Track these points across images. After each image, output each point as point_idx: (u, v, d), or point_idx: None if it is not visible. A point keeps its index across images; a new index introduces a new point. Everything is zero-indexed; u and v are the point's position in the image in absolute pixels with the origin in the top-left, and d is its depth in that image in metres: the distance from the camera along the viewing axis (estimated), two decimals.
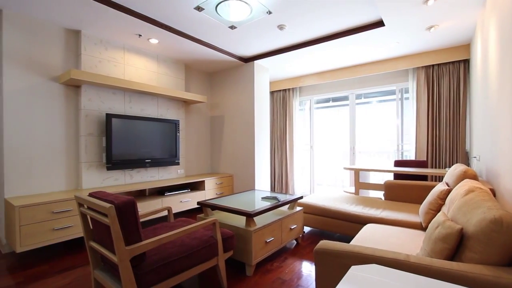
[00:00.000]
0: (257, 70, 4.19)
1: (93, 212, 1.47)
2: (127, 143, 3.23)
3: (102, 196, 1.45)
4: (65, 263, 2.36)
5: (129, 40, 3.25)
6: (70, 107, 2.97)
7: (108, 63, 3.19)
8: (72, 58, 3.00)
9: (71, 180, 2.99)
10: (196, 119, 4.49)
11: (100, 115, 3.12)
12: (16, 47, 2.61)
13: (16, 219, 2.24)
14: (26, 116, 2.67)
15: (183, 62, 4.10)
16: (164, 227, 2.03)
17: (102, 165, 3.14)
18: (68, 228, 2.53)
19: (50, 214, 2.42)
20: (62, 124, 2.91)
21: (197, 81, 4.50)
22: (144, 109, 3.57)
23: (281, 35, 3.23)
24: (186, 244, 1.69)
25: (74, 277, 2.11)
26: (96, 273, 1.69)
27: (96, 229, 1.57)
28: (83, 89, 2.98)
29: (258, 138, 4.20)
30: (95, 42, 3.08)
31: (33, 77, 2.72)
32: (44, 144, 2.79)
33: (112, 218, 1.25)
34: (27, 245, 2.29)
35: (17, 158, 2.61)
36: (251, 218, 2.14)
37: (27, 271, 2.21)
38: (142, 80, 3.55)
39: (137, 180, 3.50)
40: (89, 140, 3.03)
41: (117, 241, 1.29)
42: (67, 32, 2.95)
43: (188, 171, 4.34)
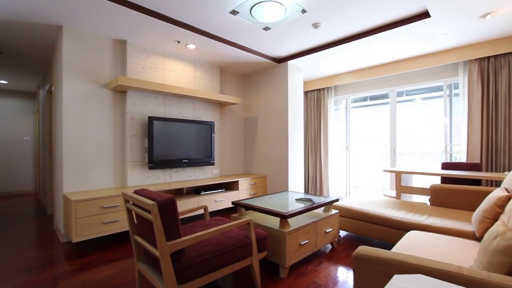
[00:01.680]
0: (291, 70, 4.16)
1: (138, 208, 1.58)
2: (166, 144, 3.42)
3: (145, 194, 1.56)
4: (112, 254, 2.57)
5: (168, 47, 3.44)
6: (117, 111, 3.24)
7: (150, 69, 3.42)
8: (119, 66, 3.26)
9: (118, 178, 3.25)
10: (230, 121, 4.59)
11: (143, 118, 3.35)
12: (73, 58, 2.92)
13: (73, 213, 2.50)
14: (80, 120, 2.97)
15: (218, 65, 4.22)
16: (200, 225, 2.11)
17: (144, 164, 3.37)
18: (115, 222, 2.76)
19: (100, 208, 2.65)
20: (110, 127, 3.18)
21: (231, 83, 4.61)
22: (182, 111, 3.75)
23: (316, 34, 3.17)
24: (222, 243, 1.74)
25: (120, 268, 2.29)
26: (139, 265, 1.81)
27: (140, 224, 1.69)
28: (129, 94, 3.22)
29: (291, 139, 4.16)
30: (139, 51, 3.31)
31: (87, 85, 3.01)
32: (95, 145, 3.07)
33: (154, 214, 1.33)
34: (81, 236, 2.54)
35: (73, 158, 2.92)
36: (285, 219, 2.13)
37: (81, 260, 2.45)
38: (180, 84, 3.73)
39: (176, 179, 3.68)
40: (133, 141, 3.27)
41: (159, 237, 1.37)
42: (115, 42, 3.22)
43: (222, 171, 4.45)
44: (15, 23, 2.77)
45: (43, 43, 3.33)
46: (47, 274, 2.18)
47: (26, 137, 6.12)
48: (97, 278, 2.11)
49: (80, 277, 2.13)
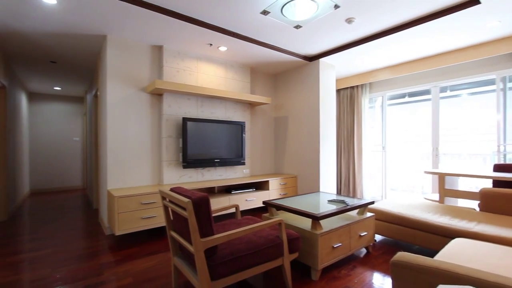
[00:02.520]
0: (323, 68, 4.05)
1: (174, 205, 1.66)
2: (199, 144, 3.54)
3: (181, 192, 1.62)
4: (150, 248, 2.72)
5: (201, 50, 3.56)
6: (154, 112, 3.43)
7: (184, 72, 3.56)
8: (156, 70, 3.45)
9: (155, 176, 3.43)
10: (260, 120, 4.62)
11: (177, 119, 3.50)
12: (116, 65, 3.15)
13: (116, 208, 2.69)
14: (122, 121, 3.19)
15: (248, 66, 4.26)
16: (232, 224, 2.15)
17: (179, 163, 3.52)
18: (153, 217, 2.92)
19: (139, 204, 2.83)
20: (148, 128, 3.38)
21: (261, 83, 4.63)
22: (214, 112, 3.85)
23: (349, 29, 3.05)
24: (253, 242, 1.75)
25: (158, 261, 2.42)
26: (175, 260, 1.90)
27: (176, 221, 1.77)
28: (165, 97, 3.39)
29: (323, 139, 4.06)
30: (174, 55, 3.47)
31: (127, 89, 3.23)
32: (135, 145, 3.28)
33: (189, 211, 1.38)
34: (123, 229, 2.73)
35: (116, 157, 3.14)
36: (317, 221, 2.08)
37: (123, 251, 2.63)
38: (212, 86, 3.83)
39: (207, 178, 3.80)
40: (169, 142, 3.43)
41: (194, 233, 1.42)
42: (152, 48, 3.41)
43: (253, 171, 4.49)
44: (68, 35, 3.07)
45: (90, 52, 3.64)
46: (94, 263, 2.38)
47: (76, 138, 6.74)
48: (137, 269, 2.25)
49: (122, 267, 2.29)
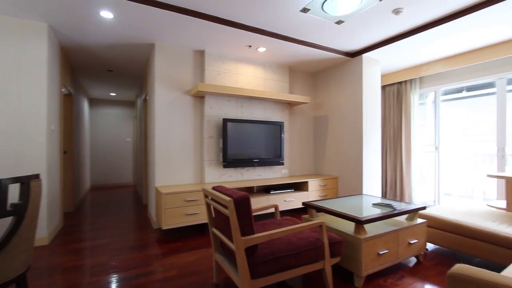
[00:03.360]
0: (366, 64, 3.84)
1: (216, 203, 1.71)
2: (238, 144, 3.61)
3: (222, 190, 1.67)
4: (193, 243, 2.86)
5: (241, 52, 3.63)
6: (197, 114, 3.59)
7: (224, 75, 3.67)
8: (198, 74, 3.61)
9: (197, 175, 3.60)
10: (299, 120, 4.55)
11: (218, 120, 3.62)
12: (163, 70, 3.38)
13: (163, 203, 2.88)
14: (168, 123, 3.40)
15: (287, 66, 4.23)
16: (271, 224, 2.15)
17: (219, 163, 3.63)
18: (196, 214, 3.06)
19: (183, 201, 2.99)
20: (191, 129, 3.55)
21: (300, 82, 4.56)
22: (253, 112, 3.90)
23: (396, 21, 2.85)
24: (293, 243, 1.73)
25: (200, 256, 2.53)
26: (216, 256, 1.96)
27: (218, 218, 1.82)
28: (206, 99, 3.54)
29: (366, 138, 3.84)
30: (215, 58, 3.60)
31: (173, 92, 3.44)
32: (179, 145, 3.47)
33: (231, 210, 1.42)
34: (169, 224, 2.91)
35: (163, 156, 3.37)
36: (361, 225, 1.97)
37: (169, 245, 2.80)
38: (251, 87, 3.89)
39: (246, 178, 3.86)
40: (210, 142, 3.57)
41: (235, 231, 1.45)
42: (195, 53, 3.58)
43: (291, 171, 4.44)
44: (122, 45, 3.38)
45: (140, 60, 3.96)
46: (143, 254, 2.58)
47: (128, 139, 7.38)
48: (181, 262, 2.38)
49: (169, 260, 2.44)
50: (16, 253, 1.33)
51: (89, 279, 2.10)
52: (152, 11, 2.54)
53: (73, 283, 2.04)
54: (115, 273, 2.19)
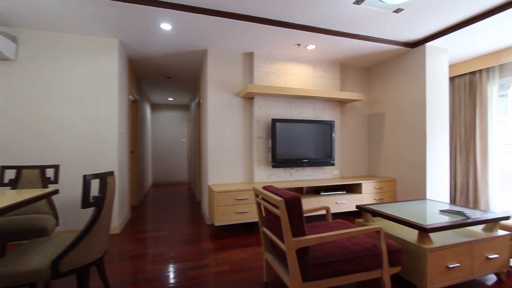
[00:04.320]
0: (430, 54, 3.45)
1: (266, 203, 1.73)
2: (288, 144, 3.59)
3: (273, 190, 1.68)
4: (243, 241, 2.93)
5: (289, 51, 3.60)
6: (246, 115, 3.68)
7: (273, 75, 3.69)
8: (248, 76, 3.70)
9: (246, 174, 3.68)
10: (351, 119, 4.31)
11: (267, 120, 3.65)
12: (214, 74, 3.55)
13: (215, 201, 3.02)
14: (219, 125, 3.56)
15: (338, 62, 4.05)
16: (322, 226, 2.07)
17: (268, 163, 3.66)
18: (246, 213, 3.13)
19: (234, 200, 3.09)
20: (241, 130, 3.66)
21: (352, 78, 4.32)
22: (302, 112, 3.83)
23: (467, 2, 2.49)
24: (347, 248, 1.64)
25: (250, 253, 2.58)
26: (267, 255, 1.97)
27: (268, 218, 1.84)
28: (255, 100, 3.60)
29: (431, 137, 3.45)
30: (263, 60, 3.64)
31: (224, 95, 3.59)
32: (230, 145, 3.60)
33: (282, 210, 1.41)
34: (221, 221, 3.04)
35: (215, 156, 3.53)
36: (426, 233, 1.78)
37: (220, 241, 2.93)
38: (300, 86, 3.83)
39: (296, 178, 3.80)
40: (259, 142, 3.62)
41: (286, 231, 1.44)
42: (244, 55, 3.68)
43: (343, 172, 4.23)
44: (178, 54, 3.65)
45: (194, 66, 4.23)
46: (198, 248, 2.74)
47: (183, 140, 7.96)
48: (233, 258, 2.46)
49: (221, 255, 2.55)
50: (96, 239, 1.53)
51: (151, 266, 2.31)
52: (205, 19, 2.69)
53: (139, 269, 2.28)
54: (173, 263, 2.37)
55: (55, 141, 3.00)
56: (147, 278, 2.11)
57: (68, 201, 3.04)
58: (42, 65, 2.97)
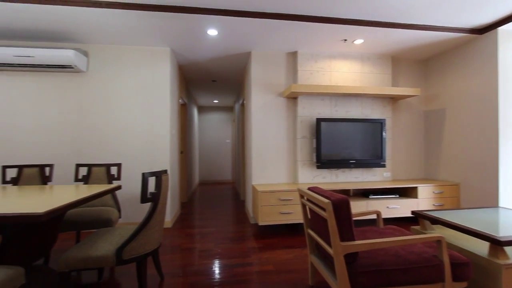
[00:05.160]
0: (503, 39, 2.99)
1: (312, 204, 1.68)
2: (333, 144, 3.46)
3: (319, 191, 1.63)
4: (287, 242, 2.90)
5: (335, 47, 3.47)
6: (289, 115, 3.65)
7: (317, 74, 3.59)
8: (291, 75, 3.66)
9: (290, 175, 3.65)
10: (405, 116, 3.96)
11: (311, 120, 3.57)
12: (258, 75, 3.59)
13: (259, 201, 3.06)
14: (263, 125, 3.59)
15: (389, 55, 3.77)
16: (373, 232, 1.95)
17: (312, 163, 3.57)
18: (290, 214, 3.10)
19: (278, 200, 3.08)
20: (284, 130, 3.64)
21: (406, 72, 3.97)
22: (349, 110, 3.65)
23: None
24: (402, 257, 1.51)
25: (294, 255, 2.54)
26: (312, 257, 1.92)
27: (314, 220, 1.79)
28: (299, 99, 3.54)
29: (504, 136, 2.99)
30: (307, 58, 3.57)
31: (267, 95, 3.61)
32: (273, 146, 3.61)
33: (329, 213, 1.36)
34: (265, 221, 3.06)
35: (258, 156, 3.57)
36: (501, 246, 1.54)
37: (264, 240, 2.95)
38: (346, 83, 3.66)
39: (342, 180, 3.64)
40: (303, 142, 3.56)
41: (333, 235, 1.38)
42: (288, 55, 3.65)
43: (395, 174, 3.92)
44: (223, 57, 3.79)
45: (238, 68, 4.34)
46: (242, 246, 2.79)
47: (227, 140, 8.23)
48: (277, 259, 2.46)
49: (265, 254, 2.56)
50: (152, 232, 1.67)
51: (199, 261, 2.44)
52: (249, 22, 2.74)
53: (187, 262, 2.41)
54: (219, 259, 2.46)
55: (118, 142, 3.35)
56: (195, 271, 2.23)
57: (128, 196, 3.38)
58: (107, 75, 3.35)
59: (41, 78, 3.25)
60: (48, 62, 3.00)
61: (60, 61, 3.00)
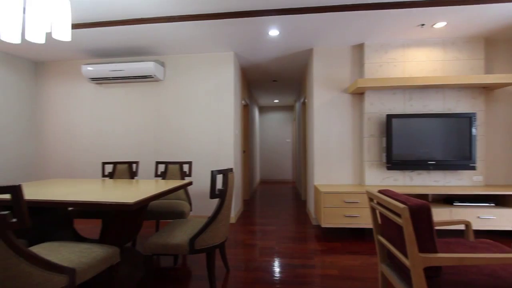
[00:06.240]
0: None
1: (384, 209, 1.54)
2: (407, 143, 3.10)
3: (391, 195, 1.48)
4: (352, 247, 2.73)
5: (409, 35, 3.10)
6: (355, 112, 3.42)
7: (387, 65, 3.27)
8: (357, 70, 3.43)
9: (356, 176, 3.42)
10: (504, 109, 3.28)
11: (380, 117, 3.27)
12: (320, 72, 3.47)
13: (322, 202, 2.95)
14: (326, 124, 3.45)
15: (481, 37, 3.17)
16: (461, 245, 1.67)
17: (382, 164, 3.27)
18: (356, 217, 2.90)
19: (342, 202, 2.92)
20: (349, 128, 3.43)
21: (505, 56, 3.28)
22: (427, 104, 3.22)
23: None
24: (501, 278, 1.25)
25: (361, 262, 2.37)
26: (383, 267, 1.76)
27: (385, 226, 1.63)
28: (366, 95, 3.29)
29: None
30: (376, 49, 3.28)
31: (330, 92, 3.46)
32: (337, 145, 3.44)
33: (405, 219, 1.22)
34: (328, 223, 2.94)
35: (321, 155, 3.46)
36: None
37: (327, 243, 2.83)
38: (424, 74, 3.23)
39: (417, 183, 3.23)
40: (371, 141, 3.29)
41: (410, 245, 1.23)
42: (352, 48, 3.43)
43: (489, 178, 3.28)
44: (284, 57, 3.79)
45: (299, 67, 4.28)
46: (304, 246, 2.74)
47: (288, 140, 8.20)
48: (341, 264, 2.33)
49: (328, 258, 2.46)
50: (220, 226, 1.78)
51: (260, 257, 2.49)
52: (311, 18, 2.67)
53: (249, 257, 2.49)
54: (281, 258, 2.46)
55: (189, 142, 3.69)
56: (257, 267, 2.28)
57: (197, 191, 3.68)
58: (180, 82, 3.72)
59: (128, 88, 3.81)
60: (134, 74, 3.50)
61: (143, 72, 3.47)
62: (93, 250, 1.45)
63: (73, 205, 1.55)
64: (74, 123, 3.91)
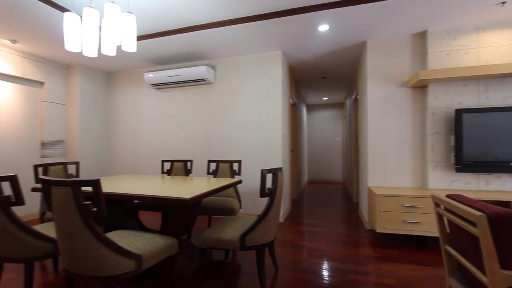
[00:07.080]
0: None
1: (454, 216, 1.36)
2: (481, 141, 2.69)
3: (464, 201, 1.30)
4: (412, 256, 2.48)
5: (484, 16, 2.69)
6: (416, 108, 3.10)
7: (456, 54, 2.89)
8: (418, 61, 3.10)
9: (416, 178, 3.10)
10: None
11: (447, 112, 2.91)
12: (375, 65, 3.24)
13: (377, 205, 2.75)
14: (381, 121, 3.21)
15: None
16: None
17: (449, 165, 2.90)
18: (417, 224, 2.64)
19: (401, 207, 2.68)
20: (408, 125, 3.12)
21: None
22: (508, 97, 2.75)
23: None
24: None
25: (423, 274, 2.14)
26: (451, 281, 1.56)
27: (455, 235, 1.44)
28: (430, 88, 2.95)
29: None
30: (442, 36, 2.93)
31: (386, 87, 3.20)
32: (395, 144, 3.16)
33: (483, 229, 1.06)
34: (383, 228, 2.72)
35: (376, 155, 3.22)
36: None
37: (383, 250, 2.62)
38: (504, 60, 2.77)
39: (496, 188, 2.78)
40: (435, 139, 2.95)
41: (489, 259, 1.07)
42: (413, 37, 3.11)
43: None
44: (334, 52, 3.63)
45: (350, 61, 4.05)
46: (357, 251, 2.59)
47: (337, 138, 7.85)
48: (400, 274, 2.14)
49: (384, 266, 2.28)
50: (269, 224, 1.80)
51: (309, 259, 2.43)
52: (364, 8, 2.50)
53: (297, 258, 2.45)
54: (331, 262, 2.37)
55: (239, 141, 3.80)
56: (306, 269, 2.24)
57: (246, 189, 3.77)
58: (230, 84, 3.85)
59: (183, 92, 4.09)
60: (188, 78, 3.75)
61: (196, 76, 3.69)
62: (155, 239, 1.60)
63: (140, 198, 1.73)
64: (139, 125, 4.37)
